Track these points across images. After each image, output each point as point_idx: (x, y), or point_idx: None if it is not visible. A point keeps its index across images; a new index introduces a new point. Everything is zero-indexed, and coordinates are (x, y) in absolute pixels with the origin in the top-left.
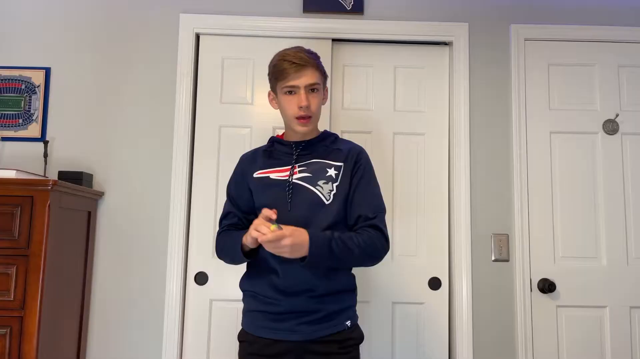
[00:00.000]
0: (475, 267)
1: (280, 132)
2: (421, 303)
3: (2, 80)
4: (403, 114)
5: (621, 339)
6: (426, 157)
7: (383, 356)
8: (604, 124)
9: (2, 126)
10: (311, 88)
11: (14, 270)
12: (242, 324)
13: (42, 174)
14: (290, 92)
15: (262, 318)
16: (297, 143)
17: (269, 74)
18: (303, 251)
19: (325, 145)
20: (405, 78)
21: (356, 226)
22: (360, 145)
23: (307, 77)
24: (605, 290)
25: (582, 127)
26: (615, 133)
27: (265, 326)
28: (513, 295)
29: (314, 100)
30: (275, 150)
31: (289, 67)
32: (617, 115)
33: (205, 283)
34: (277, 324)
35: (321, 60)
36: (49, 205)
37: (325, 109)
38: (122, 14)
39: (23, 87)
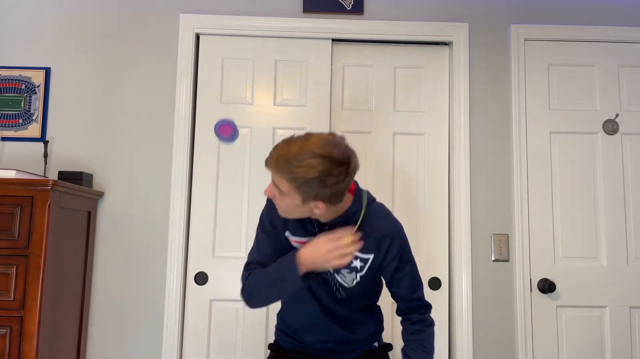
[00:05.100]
0: (475, 267)
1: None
2: None
3: (2, 80)
4: (403, 114)
5: (621, 339)
6: (426, 157)
7: None
8: (604, 124)
9: (2, 126)
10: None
11: (13, 270)
12: (275, 336)
13: (42, 174)
14: None
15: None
16: (321, 225)
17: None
18: None
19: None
20: (405, 78)
21: (399, 305)
22: (394, 221)
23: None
24: (605, 290)
25: (582, 127)
26: (615, 133)
27: (298, 346)
28: (513, 295)
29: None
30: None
31: None
32: (617, 115)
33: (205, 283)
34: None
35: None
36: (49, 205)
37: (325, 109)
38: (122, 13)
39: (23, 87)
